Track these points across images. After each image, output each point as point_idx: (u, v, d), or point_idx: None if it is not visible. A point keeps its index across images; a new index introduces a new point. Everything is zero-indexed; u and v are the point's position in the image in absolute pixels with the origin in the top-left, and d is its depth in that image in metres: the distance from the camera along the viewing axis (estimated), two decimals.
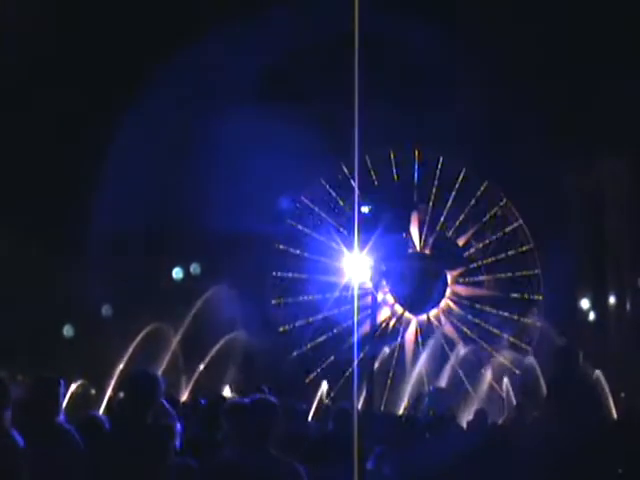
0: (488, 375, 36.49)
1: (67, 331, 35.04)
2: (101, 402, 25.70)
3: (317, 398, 33.16)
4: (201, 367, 32.66)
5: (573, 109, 35.91)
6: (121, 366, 28.84)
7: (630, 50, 35.24)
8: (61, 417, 7.02)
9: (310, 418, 18.32)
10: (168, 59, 32.10)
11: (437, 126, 35.65)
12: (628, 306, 40.67)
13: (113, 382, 28.27)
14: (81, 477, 6.37)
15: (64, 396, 7.40)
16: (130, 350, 30.83)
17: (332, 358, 36.52)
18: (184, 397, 27.76)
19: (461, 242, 39.55)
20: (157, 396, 6.45)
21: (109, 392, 27.26)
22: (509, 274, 39.30)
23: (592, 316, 39.95)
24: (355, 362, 32.60)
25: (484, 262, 39.65)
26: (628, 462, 8.53)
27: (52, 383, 7.33)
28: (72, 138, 33.32)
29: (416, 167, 39.24)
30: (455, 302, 39.12)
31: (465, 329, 38.61)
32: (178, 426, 7.17)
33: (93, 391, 32.49)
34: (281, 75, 35.57)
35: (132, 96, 31.93)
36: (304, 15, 30.92)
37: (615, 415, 20.40)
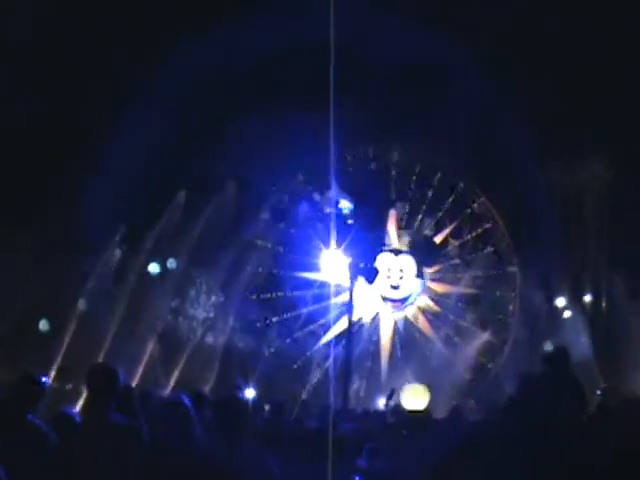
0: (464, 371, 36.68)
1: (43, 326, 34.84)
2: (78, 398, 25.62)
3: (302, 395, 33.22)
4: (181, 363, 32.70)
5: (555, 109, 36.00)
6: (98, 361, 28.75)
7: (624, 49, 35.43)
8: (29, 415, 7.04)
9: (286, 414, 18.34)
10: (159, 57, 32.05)
11: (417, 124, 35.71)
12: (604, 304, 40.85)
13: None
14: (55, 473, 6.38)
15: (43, 392, 7.40)
16: (107, 345, 30.79)
17: (308, 355, 36.55)
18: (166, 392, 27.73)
19: (438, 240, 39.63)
20: (116, 390, 6.51)
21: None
22: (485, 272, 39.38)
23: (568, 314, 40.06)
24: (331, 359, 32.68)
25: (461, 260, 39.74)
26: (603, 457, 8.55)
27: (34, 380, 7.34)
28: (66, 137, 33.20)
29: (394, 164, 39.30)
30: (432, 299, 39.20)
31: (441, 326, 38.70)
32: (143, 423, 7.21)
33: (70, 386, 32.38)
34: (265, 70, 35.53)
35: (126, 95, 31.86)
36: (282, 15, 30.92)
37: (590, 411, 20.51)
